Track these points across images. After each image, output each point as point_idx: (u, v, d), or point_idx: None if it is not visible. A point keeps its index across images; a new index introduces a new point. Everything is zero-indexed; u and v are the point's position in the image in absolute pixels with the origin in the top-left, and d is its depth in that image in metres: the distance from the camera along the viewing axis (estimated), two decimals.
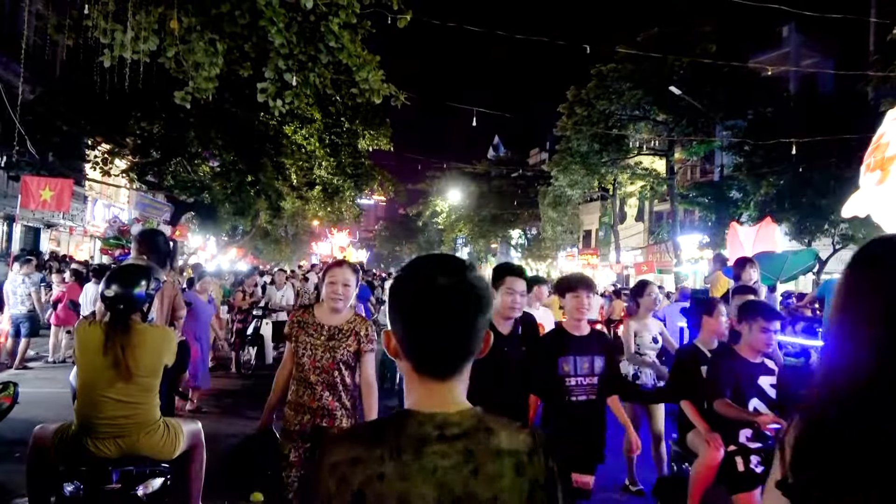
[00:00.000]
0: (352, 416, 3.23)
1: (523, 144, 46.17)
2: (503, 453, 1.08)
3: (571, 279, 3.85)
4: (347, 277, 3.22)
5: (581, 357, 3.63)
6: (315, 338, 3.16)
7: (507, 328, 3.39)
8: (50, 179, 11.67)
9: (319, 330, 3.18)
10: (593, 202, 35.45)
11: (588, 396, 3.60)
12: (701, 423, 3.71)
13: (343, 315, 3.24)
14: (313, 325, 3.20)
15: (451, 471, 1.04)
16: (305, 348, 3.15)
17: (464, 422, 1.10)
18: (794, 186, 17.66)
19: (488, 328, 1.17)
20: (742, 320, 3.66)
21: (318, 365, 3.12)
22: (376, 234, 71.08)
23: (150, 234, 4.31)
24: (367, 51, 8.52)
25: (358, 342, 3.20)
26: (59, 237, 22.39)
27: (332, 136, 19.16)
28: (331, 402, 3.14)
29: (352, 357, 3.18)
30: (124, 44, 7.67)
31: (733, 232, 6.49)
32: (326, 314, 3.22)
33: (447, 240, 42.23)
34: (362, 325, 3.25)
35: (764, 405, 3.52)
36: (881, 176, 4.24)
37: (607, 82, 22.73)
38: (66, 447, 2.90)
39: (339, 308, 3.20)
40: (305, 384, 3.15)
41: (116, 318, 2.98)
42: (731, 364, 3.60)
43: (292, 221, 28.41)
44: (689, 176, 28.26)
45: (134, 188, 19.77)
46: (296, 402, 3.16)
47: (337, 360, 3.14)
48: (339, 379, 3.15)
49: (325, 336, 3.16)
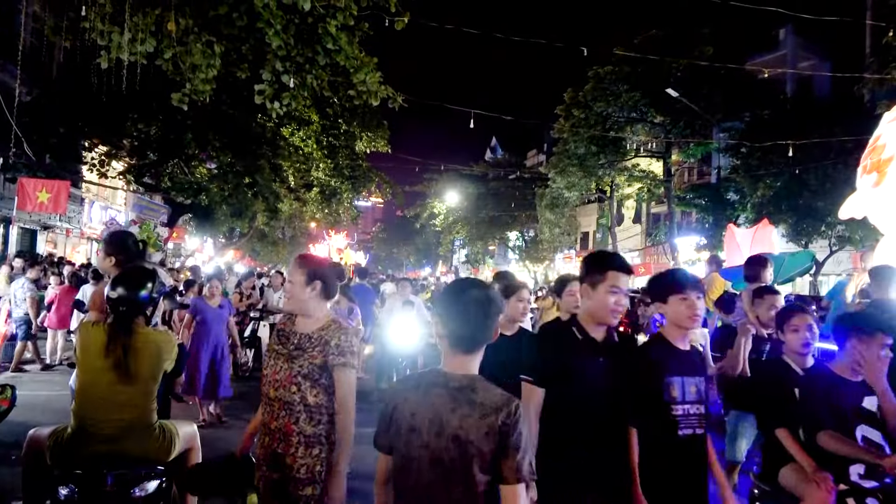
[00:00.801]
0: (315, 443, 2.65)
1: (521, 146, 46.22)
2: (475, 404, 1.82)
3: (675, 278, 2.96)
4: (290, 277, 2.83)
5: (689, 378, 2.83)
6: (283, 347, 2.78)
7: (600, 334, 2.72)
8: (46, 181, 11.64)
9: (290, 338, 2.80)
10: (591, 204, 35.48)
11: (694, 430, 2.78)
12: (806, 458, 3.11)
13: (316, 321, 2.80)
14: (286, 334, 2.83)
15: (441, 406, 1.85)
16: (270, 357, 2.80)
17: (462, 381, 1.89)
18: (791, 188, 17.69)
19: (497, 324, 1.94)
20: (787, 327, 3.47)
21: (277, 378, 2.72)
22: (374, 236, 71.08)
23: (119, 236, 4.13)
24: (365, 53, 8.52)
25: (325, 354, 2.69)
26: (55, 239, 22.34)
27: (330, 137, 19.18)
28: (287, 425, 2.66)
29: (316, 371, 2.69)
30: (121, 45, 7.66)
31: (730, 234, 6.50)
32: (301, 320, 2.84)
33: (445, 242, 42.20)
34: (336, 333, 2.74)
35: (877, 433, 3.04)
36: (878, 178, 4.25)
37: (604, 84, 22.76)
38: (61, 450, 2.90)
39: (293, 310, 2.85)
40: (266, 400, 2.78)
41: (119, 320, 2.98)
42: (832, 386, 3.10)
43: (290, 223, 28.39)
44: (687, 178, 28.31)
45: (131, 190, 19.75)
46: (262, 421, 2.80)
47: (294, 373, 2.68)
48: (299, 397, 2.66)
49: (293, 345, 2.76)
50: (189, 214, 20.19)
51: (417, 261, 60.07)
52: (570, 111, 23.77)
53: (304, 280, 2.78)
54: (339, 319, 2.85)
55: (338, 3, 7.58)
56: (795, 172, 17.36)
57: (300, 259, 2.90)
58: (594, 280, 2.67)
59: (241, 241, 24.97)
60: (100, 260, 3.96)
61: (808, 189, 16.92)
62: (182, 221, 21.39)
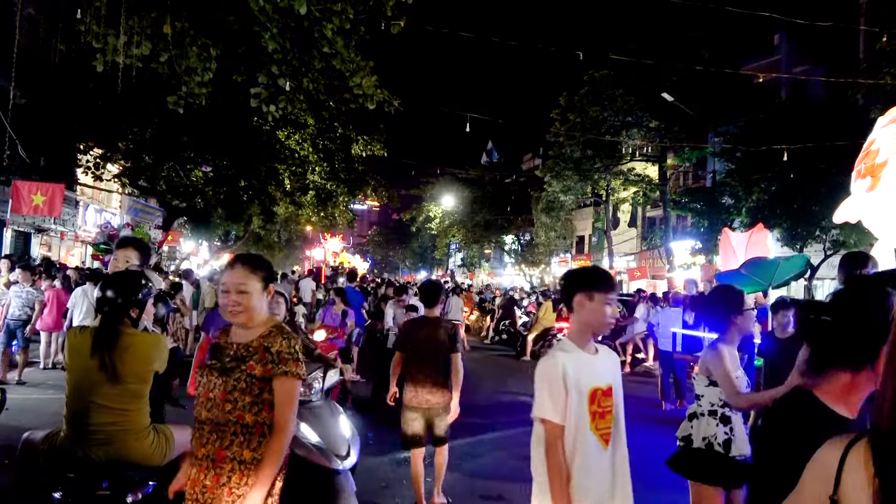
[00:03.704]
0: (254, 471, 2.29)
1: (517, 150, 46.30)
2: (441, 326, 5.06)
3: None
4: (242, 281, 2.39)
5: None
6: (216, 360, 2.42)
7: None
8: (41, 184, 11.59)
9: (225, 350, 2.43)
10: (586, 208, 35.54)
11: None
12: None
13: (256, 329, 2.42)
14: (220, 346, 2.47)
15: (428, 331, 5.00)
16: (202, 375, 2.39)
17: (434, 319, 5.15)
18: (786, 193, 17.73)
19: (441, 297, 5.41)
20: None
21: (210, 396, 2.33)
22: (370, 240, 71.03)
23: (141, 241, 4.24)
24: (361, 57, 8.53)
25: (264, 363, 2.33)
26: (50, 242, 22.26)
27: (326, 141, 19.17)
28: (218, 451, 2.28)
29: (256, 384, 2.31)
30: (117, 48, 7.65)
31: (725, 238, 6.51)
32: (237, 330, 2.46)
33: (440, 245, 42.20)
34: (277, 339, 2.37)
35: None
36: (871, 182, 4.27)
37: (600, 88, 22.84)
38: (54, 454, 2.88)
39: (240, 323, 2.42)
40: (196, 423, 2.38)
41: (104, 322, 2.98)
42: None
43: (285, 227, 28.36)
44: (682, 182, 28.37)
45: (126, 193, 19.70)
46: (192, 448, 2.42)
47: (229, 388, 2.30)
48: (235, 416, 2.29)
49: (230, 357, 2.38)
50: (184, 217, 20.15)
51: (413, 264, 60.08)
52: (566, 115, 23.85)
53: (262, 286, 2.45)
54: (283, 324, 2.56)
55: (334, 7, 7.59)
56: (790, 177, 17.41)
57: (251, 262, 2.47)
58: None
59: (236, 244, 24.92)
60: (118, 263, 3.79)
61: (803, 193, 16.96)
62: (177, 224, 21.34)
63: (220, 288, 2.49)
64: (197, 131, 15.44)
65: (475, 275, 46.28)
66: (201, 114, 13.12)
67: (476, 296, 24.85)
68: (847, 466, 1.06)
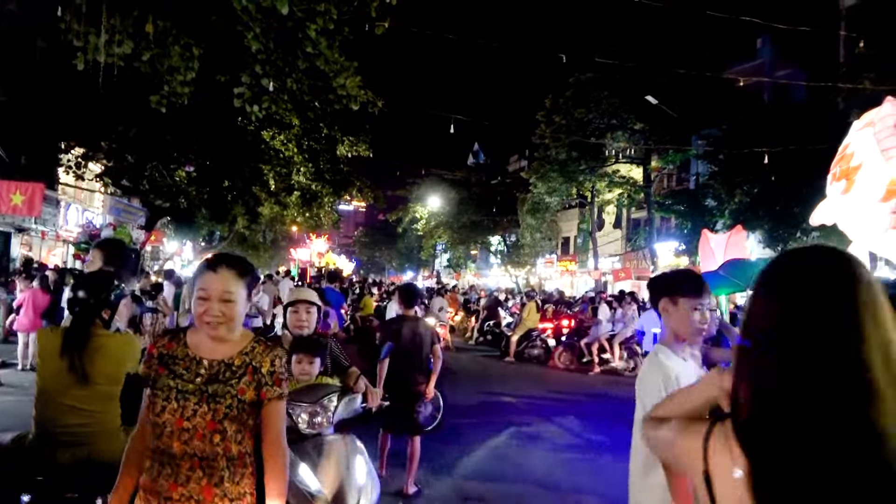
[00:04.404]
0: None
1: (503, 151, 46.43)
2: (425, 325, 5.90)
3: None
4: (228, 288, 2.07)
5: None
6: (186, 381, 2.05)
7: None
8: (20, 183, 11.46)
9: (193, 367, 2.07)
10: (572, 209, 35.71)
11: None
12: None
13: (233, 344, 2.13)
14: (184, 362, 2.09)
15: (411, 328, 5.66)
16: (168, 398, 2.02)
17: (415, 318, 5.92)
18: (768, 195, 17.95)
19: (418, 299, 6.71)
20: None
21: (188, 425, 2.00)
22: (356, 240, 70.86)
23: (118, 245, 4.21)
24: (345, 57, 8.53)
25: (257, 385, 2.07)
26: (30, 242, 21.98)
27: (311, 141, 19.08)
28: (206, 490, 1.99)
29: (246, 410, 2.05)
30: (98, 47, 7.58)
31: (704, 239, 6.57)
32: (205, 342, 2.11)
33: (427, 246, 42.18)
34: (266, 355, 2.12)
35: None
36: (846, 185, 4.33)
37: (585, 90, 22.98)
38: (23, 456, 2.86)
39: (219, 336, 2.09)
40: (165, 457, 2.01)
41: (74, 322, 2.96)
42: None
43: (270, 227, 28.21)
44: (666, 184, 28.60)
45: (109, 193, 19.50)
46: (150, 486, 2.03)
47: (220, 416, 2.01)
48: (223, 449, 2.01)
49: (204, 377, 2.05)
50: (167, 217, 19.98)
51: (400, 265, 59.99)
52: (551, 117, 23.97)
53: (247, 294, 2.15)
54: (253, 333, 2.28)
55: (318, 8, 7.58)
56: (772, 179, 17.61)
57: (237, 266, 2.14)
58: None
59: (220, 244, 24.76)
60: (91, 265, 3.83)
61: (785, 196, 17.17)
62: (161, 224, 21.16)
63: (195, 294, 2.10)
64: (180, 131, 15.31)
65: (461, 276, 46.31)
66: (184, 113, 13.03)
67: (461, 296, 24.88)
68: (710, 450, 1.19)
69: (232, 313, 2.07)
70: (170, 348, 2.12)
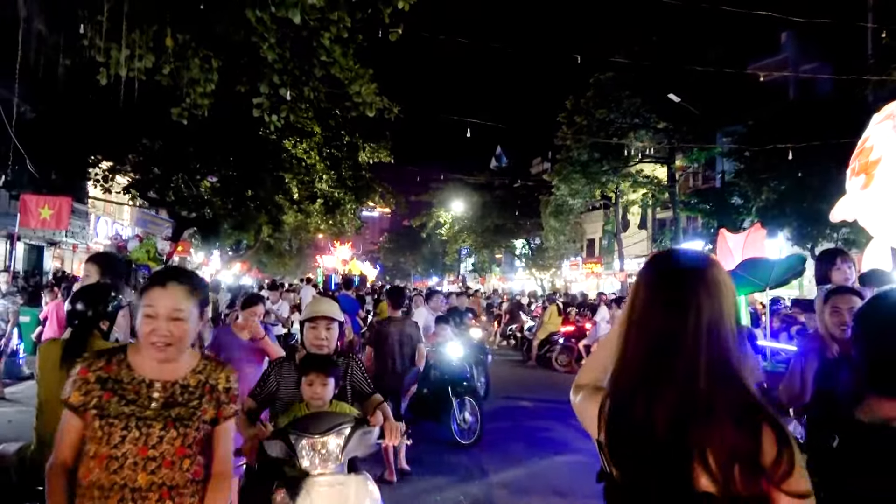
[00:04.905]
0: None
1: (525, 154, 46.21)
2: (411, 325, 6.55)
3: None
4: (178, 306, 1.92)
5: None
6: (140, 406, 1.90)
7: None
8: (48, 198, 11.73)
9: (143, 391, 1.93)
10: (596, 210, 35.43)
11: None
12: None
13: (182, 363, 2.01)
14: (132, 386, 1.93)
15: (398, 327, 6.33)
16: (128, 427, 1.86)
17: (401, 318, 6.67)
18: (795, 192, 17.60)
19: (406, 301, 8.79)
20: None
21: (154, 454, 1.86)
22: (381, 247, 71.15)
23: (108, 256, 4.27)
24: (360, 64, 8.58)
25: (217, 404, 1.99)
26: (62, 255, 22.52)
27: (332, 149, 19.29)
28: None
29: (208, 431, 1.99)
30: (120, 62, 7.75)
31: (722, 239, 6.46)
32: (150, 363, 1.96)
33: (451, 251, 42.21)
34: (220, 371, 2.05)
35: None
36: (865, 180, 4.23)
37: (606, 91, 22.80)
38: (25, 467, 2.89)
39: (168, 358, 1.95)
40: (126, 492, 1.84)
41: (74, 334, 3.00)
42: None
43: (295, 235, 28.51)
44: (691, 183, 28.23)
45: (137, 205, 19.90)
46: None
47: (190, 440, 1.92)
48: (192, 474, 1.93)
49: (159, 401, 1.92)
50: (194, 228, 20.32)
51: (424, 270, 60.11)
52: (572, 118, 23.84)
53: (199, 311, 2.00)
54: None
55: (331, 16, 7.64)
56: (799, 176, 17.27)
57: (188, 281, 1.99)
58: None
59: (247, 253, 25.08)
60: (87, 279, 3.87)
61: (812, 192, 16.81)
62: (187, 235, 21.52)
63: (140, 311, 1.93)
64: (202, 142, 15.59)
65: (486, 280, 46.22)
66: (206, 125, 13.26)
67: (484, 300, 24.82)
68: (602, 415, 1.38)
69: (181, 333, 1.93)
70: (110, 371, 1.94)
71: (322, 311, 3.24)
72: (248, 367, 4.45)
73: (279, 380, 3.19)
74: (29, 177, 12.69)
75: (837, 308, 3.11)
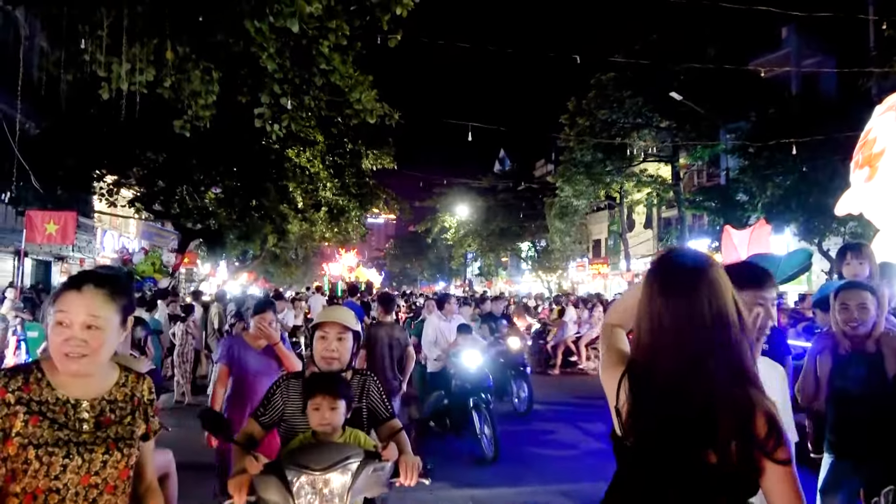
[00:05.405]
0: None
1: (529, 156, 46.21)
2: (397, 327, 6.82)
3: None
4: (94, 312, 1.69)
5: None
6: (72, 430, 1.68)
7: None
8: (54, 213, 11.78)
9: (72, 413, 1.71)
10: (601, 211, 35.37)
11: None
12: None
13: (101, 376, 1.80)
14: (59, 407, 1.69)
15: (388, 331, 6.44)
16: (70, 454, 1.66)
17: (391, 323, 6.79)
18: (800, 187, 17.50)
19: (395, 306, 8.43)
20: None
21: (97, 480, 1.69)
22: (387, 253, 71.21)
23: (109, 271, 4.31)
24: (360, 71, 8.61)
25: (145, 418, 1.85)
26: (69, 270, 22.59)
27: (336, 157, 19.34)
28: None
29: (137, 448, 1.82)
30: (121, 76, 7.79)
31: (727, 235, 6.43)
32: (73, 379, 1.73)
33: (457, 255, 42.19)
34: (140, 382, 1.88)
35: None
36: (870, 172, 4.20)
37: (607, 91, 22.79)
38: None
39: (83, 372, 1.71)
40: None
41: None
42: None
43: (301, 244, 28.58)
44: (696, 181, 28.14)
45: (142, 218, 19.98)
46: None
47: (132, 461, 1.78)
48: (130, 498, 1.81)
49: (90, 421, 1.72)
50: (199, 239, 20.39)
51: (431, 275, 60.09)
52: (575, 119, 23.83)
53: (120, 319, 1.76)
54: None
55: (329, 25, 7.66)
56: (804, 171, 17.19)
57: (107, 284, 1.74)
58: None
59: (253, 263, 25.13)
60: None
61: (818, 186, 16.72)
62: (193, 246, 21.58)
63: (50, 318, 1.70)
64: (206, 154, 15.65)
65: (493, 283, 46.18)
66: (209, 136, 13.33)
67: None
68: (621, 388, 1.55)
69: (97, 343, 1.68)
70: (29, 391, 1.68)
71: (334, 317, 2.73)
72: (266, 381, 4.01)
73: (286, 399, 2.67)
74: (34, 192, 12.76)
75: (846, 304, 3.11)
